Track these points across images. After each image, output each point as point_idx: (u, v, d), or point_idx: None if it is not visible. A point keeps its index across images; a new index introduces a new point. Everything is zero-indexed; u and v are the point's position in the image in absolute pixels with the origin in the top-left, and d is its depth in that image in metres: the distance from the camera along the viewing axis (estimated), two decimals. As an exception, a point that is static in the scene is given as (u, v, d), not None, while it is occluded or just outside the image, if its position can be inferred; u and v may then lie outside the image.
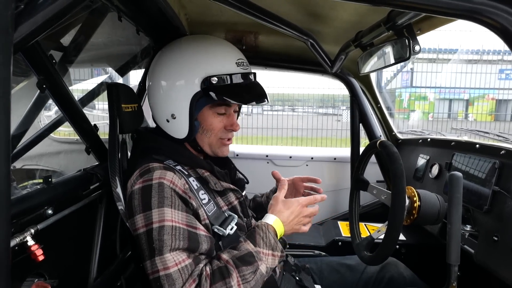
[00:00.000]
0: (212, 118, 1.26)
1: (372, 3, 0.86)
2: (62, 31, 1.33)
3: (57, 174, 1.45)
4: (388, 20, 1.12)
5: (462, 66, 10.76)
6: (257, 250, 1.10)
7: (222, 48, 1.27)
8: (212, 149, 1.31)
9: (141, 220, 1.06)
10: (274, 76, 7.65)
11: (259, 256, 1.09)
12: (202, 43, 1.26)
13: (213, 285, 1.01)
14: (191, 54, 1.22)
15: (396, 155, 1.30)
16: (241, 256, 1.07)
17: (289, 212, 1.20)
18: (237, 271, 1.04)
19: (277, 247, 1.14)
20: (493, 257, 1.38)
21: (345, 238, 2.14)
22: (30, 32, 0.69)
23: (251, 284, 1.05)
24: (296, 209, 1.21)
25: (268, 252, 1.12)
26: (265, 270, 1.09)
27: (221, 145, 1.31)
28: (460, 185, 1.21)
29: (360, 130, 2.41)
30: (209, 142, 1.29)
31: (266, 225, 1.15)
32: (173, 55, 1.24)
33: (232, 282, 1.01)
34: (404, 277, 1.55)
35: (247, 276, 1.04)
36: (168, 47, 1.28)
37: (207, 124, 1.26)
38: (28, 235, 0.93)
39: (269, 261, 1.12)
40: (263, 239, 1.12)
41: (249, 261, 1.06)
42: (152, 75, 1.28)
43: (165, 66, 1.24)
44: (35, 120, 1.60)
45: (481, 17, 0.69)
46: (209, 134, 1.28)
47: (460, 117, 13.83)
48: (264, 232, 1.13)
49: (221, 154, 1.33)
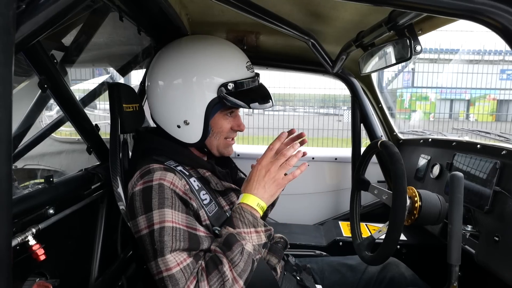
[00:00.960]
0: (222, 121, 1.27)
1: (373, 3, 0.86)
2: (63, 31, 1.34)
3: (59, 174, 1.45)
4: (389, 20, 1.12)
5: (463, 66, 10.75)
6: (238, 231, 1.09)
7: (233, 53, 1.28)
8: (219, 150, 1.32)
9: (144, 222, 1.07)
10: (275, 76, 7.66)
11: (242, 236, 1.08)
12: (213, 46, 1.26)
13: (209, 277, 1.01)
14: (205, 59, 1.21)
15: (397, 155, 1.29)
16: (224, 240, 1.07)
17: (258, 184, 1.15)
18: (225, 256, 1.04)
19: (257, 223, 1.12)
20: (494, 258, 1.38)
21: (346, 238, 2.14)
22: (32, 32, 0.69)
23: (240, 266, 1.04)
24: (257, 174, 1.15)
25: (250, 230, 1.11)
26: (252, 249, 1.08)
27: (227, 145, 1.32)
28: (461, 185, 1.21)
29: (361, 130, 2.41)
30: (217, 144, 1.30)
31: (239, 206, 1.13)
32: (180, 57, 1.22)
33: (224, 268, 1.01)
34: (405, 277, 1.54)
35: (235, 259, 1.04)
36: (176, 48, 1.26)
37: (217, 127, 1.27)
38: (29, 235, 0.93)
39: (253, 238, 1.10)
40: (241, 220, 1.10)
41: (232, 243, 1.05)
42: (156, 78, 1.25)
43: (175, 67, 1.21)
44: (36, 120, 1.61)
45: (482, 17, 0.69)
46: (219, 136, 1.29)
47: (461, 117, 13.83)
48: (239, 213, 1.12)
49: (227, 153, 1.34)
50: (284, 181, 1.16)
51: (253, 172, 1.17)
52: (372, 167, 1.94)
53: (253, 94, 1.26)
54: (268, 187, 1.14)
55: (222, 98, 1.19)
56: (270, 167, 1.15)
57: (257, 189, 1.14)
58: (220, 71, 1.20)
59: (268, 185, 1.14)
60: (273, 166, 1.15)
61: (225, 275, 1.01)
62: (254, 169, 1.17)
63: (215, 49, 1.25)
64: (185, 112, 1.22)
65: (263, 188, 1.14)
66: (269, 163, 1.16)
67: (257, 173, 1.16)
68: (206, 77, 1.19)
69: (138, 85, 1.85)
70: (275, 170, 1.14)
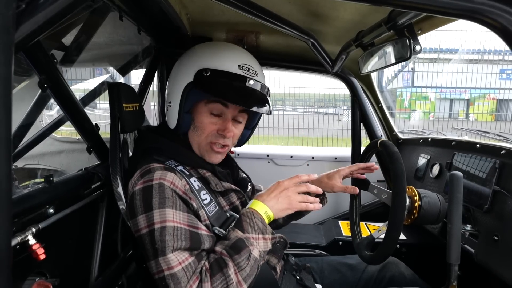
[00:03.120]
0: (205, 116, 1.24)
1: (373, 3, 0.87)
2: (63, 30, 1.33)
3: (59, 174, 1.45)
4: (389, 20, 1.12)
5: (463, 66, 10.76)
6: (247, 236, 1.10)
7: (229, 49, 1.26)
8: (200, 150, 1.28)
9: (143, 221, 1.07)
10: (275, 76, 7.66)
11: (250, 241, 1.09)
12: (216, 43, 1.29)
13: (213, 278, 1.01)
14: (197, 49, 1.26)
15: (397, 154, 1.30)
16: (232, 244, 1.07)
17: (272, 194, 1.19)
18: (231, 260, 1.04)
19: (266, 230, 1.14)
20: (493, 257, 1.38)
21: (346, 238, 2.14)
22: (32, 31, 0.69)
23: (246, 271, 1.05)
24: (275, 187, 1.20)
25: (259, 236, 1.12)
26: (258, 255, 1.09)
27: (210, 149, 1.26)
28: (461, 184, 1.21)
29: (361, 129, 2.41)
30: (198, 141, 1.26)
31: (250, 211, 1.14)
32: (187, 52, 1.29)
33: (229, 271, 1.02)
34: (404, 277, 1.55)
35: (242, 264, 1.04)
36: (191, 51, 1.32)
37: (198, 121, 1.24)
38: (29, 234, 0.93)
39: (260, 245, 1.11)
40: (250, 225, 1.12)
41: (240, 247, 1.06)
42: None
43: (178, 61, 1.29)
44: (36, 120, 1.61)
45: (481, 17, 0.69)
46: (199, 132, 1.25)
47: (461, 117, 13.84)
48: (249, 218, 1.13)
49: (208, 158, 1.27)
50: (296, 204, 1.19)
51: (272, 185, 1.22)
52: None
53: (234, 90, 1.20)
54: (280, 201, 1.18)
55: (197, 83, 1.18)
56: (290, 187, 1.20)
57: (270, 199, 1.18)
58: (204, 58, 1.21)
59: (281, 200, 1.18)
60: (292, 187, 1.20)
61: (229, 278, 1.02)
62: (274, 184, 1.22)
63: (216, 44, 1.28)
64: (170, 93, 1.27)
65: (275, 199, 1.18)
66: (291, 185, 1.20)
67: (275, 186, 1.21)
68: (191, 62, 1.22)
69: (138, 85, 1.85)
70: (293, 192, 1.19)
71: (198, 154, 1.29)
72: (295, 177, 1.22)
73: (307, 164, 2.80)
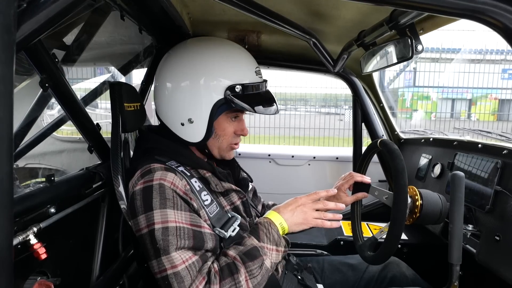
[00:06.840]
0: (226, 123, 1.28)
1: (374, 2, 0.86)
2: (64, 30, 1.33)
3: (60, 173, 1.45)
4: (391, 20, 1.12)
5: (465, 65, 10.74)
6: (262, 245, 1.11)
7: (243, 57, 1.28)
8: (220, 153, 1.33)
9: (144, 221, 1.07)
10: (277, 75, 7.65)
11: (264, 251, 1.10)
12: (223, 49, 1.27)
13: (222, 282, 1.02)
14: (214, 61, 1.22)
15: (397, 151, 1.29)
16: (247, 251, 1.08)
17: (288, 208, 1.21)
18: (244, 266, 1.05)
19: (280, 242, 1.16)
20: (495, 257, 1.38)
21: (347, 238, 2.14)
22: (33, 30, 0.70)
23: (257, 279, 1.06)
24: (292, 202, 1.23)
25: (272, 248, 1.13)
26: (270, 265, 1.11)
27: (230, 149, 1.34)
28: (462, 184, 1.21)
29: (363, 129, 2.41)
30: (219, 146, 1.31)
31: (268, 221, 1.16)
32: (190, 59, 1.23)
33: (240, 277, 1.03)
34: (406, 277, 1.55)
35: (254, 271, 1.06)
36: (184, 50, 1.27)
37: (221, 129, 1.27)
38: (30, 234, 0.93)
39: (273, 256, 1.13)
40: (267, 235, 1.13)
41: (255, 256, 1.08)
42: (164, 77, 1.27)
43: (183, 68, 1.23)
44: (37, 119, 1.61)
45: (483, 16, 0.69)
46: (221, 139, 1.29)
47: (462, 116, 13.81)
48: (266, 228, 1.15)
49: (228, 157, 1.35)
50: (312, 221, 1.22)
51: (289, 200, 1.24)
52: (373, 166, 1.94)
53: (259, 98, 1.26)
54: (296, 215, 1.20)
55: (228, 100, 1.20)
56: (307, 203, 1.22)
57: (286, 212, 1.20)
58: (228, 74, 1.21)
59: (297, 214, 1.20)
60: (309, 204, 1.22)
61: (240, 284, 1.03)
62: (291, 199, 1.24)
63: (224, 51, 1.26)
64: (190, 111, 1.23)
65: (291, 213, 1.20)
66: (308, 201, 1.23)
67: (292, 201, 1.24)
68: (214, 79, 1.20)
69: (139, 84, 1.85)
70: (310, 208, 1.22)
71: (218, 156, 1.33)
72: (313, 194, 1.25)
73: (308, 164, 2.79)
